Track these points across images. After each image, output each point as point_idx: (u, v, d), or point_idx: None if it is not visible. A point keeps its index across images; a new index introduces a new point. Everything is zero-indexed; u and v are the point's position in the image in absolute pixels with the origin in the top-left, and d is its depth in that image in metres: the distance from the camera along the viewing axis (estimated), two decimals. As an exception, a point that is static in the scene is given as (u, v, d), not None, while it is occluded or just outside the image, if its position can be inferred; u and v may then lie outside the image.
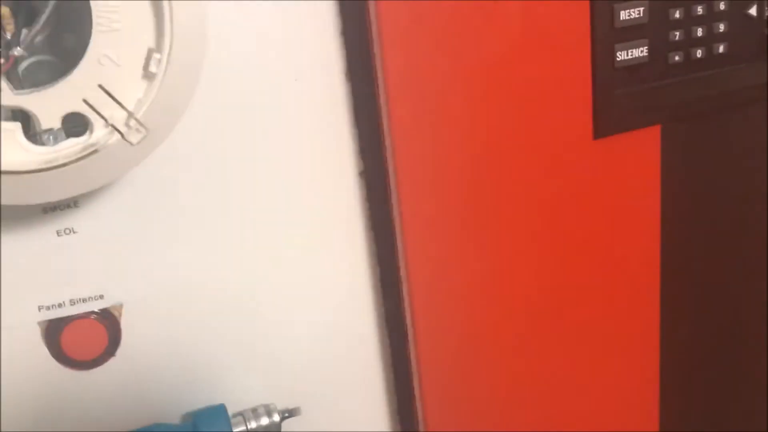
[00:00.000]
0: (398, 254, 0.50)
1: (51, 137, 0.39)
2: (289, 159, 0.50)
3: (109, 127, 0.39)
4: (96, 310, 0.49)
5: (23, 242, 0.46)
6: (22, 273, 0.47)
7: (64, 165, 0.38)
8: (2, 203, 0.39)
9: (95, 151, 0.38)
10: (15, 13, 0.37)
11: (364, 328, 0.56)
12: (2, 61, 0.36)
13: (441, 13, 0.45)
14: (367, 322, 0.56)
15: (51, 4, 0.37)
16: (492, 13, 0.46)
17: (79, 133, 0.40)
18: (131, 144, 0.39)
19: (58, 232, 0.47)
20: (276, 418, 0.49)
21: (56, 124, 0.38)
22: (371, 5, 0.45)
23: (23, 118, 0.39)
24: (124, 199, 0.47)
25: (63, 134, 0.39)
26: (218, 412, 0.48)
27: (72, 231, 0.47)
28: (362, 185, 0.53)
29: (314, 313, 0.54)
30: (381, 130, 0.49)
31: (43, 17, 0.37)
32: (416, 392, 0.52)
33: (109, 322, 0.49)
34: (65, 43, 0.39)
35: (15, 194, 0.39)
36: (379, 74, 0.46)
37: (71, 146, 0.39)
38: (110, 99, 0.38)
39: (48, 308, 0.48)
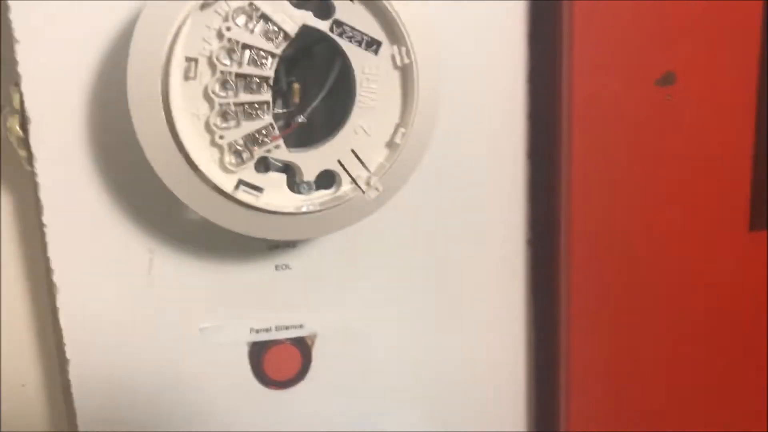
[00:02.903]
0: (560, 322, 0.57)
1: (306, 187, 0.47)
2: (467, 222, 0.58)
3: (353, 184, 0.47)
4: (294, 337, 0.57)
5: (248, 272, 0.55)
6: (242, 298, 0.55)
7: (314, 212, 0.47)
8: (258, 236, 0.48)
9: (340, 204, 0.47)
10: (302, 89, 0.46)
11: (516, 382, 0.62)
12: (276, 126, 0.45)
13: (625, 106, 0.52)
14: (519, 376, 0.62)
15: (328, 85, 0.46)
16: (666, 108, 0.53)
17: (323, 186, 0.48)
18: (368, 200, 0.47)
19: (276, 267, 0.55)
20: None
21: (312, 177, 0.47)
22: (564, 95, 0.53)
23: (286, 170, 0.47)
24: (332, 244, 0.55)
25: (314, 186, 0.47)
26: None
27: (287, 267, 0.55)
28: (528, 251, 0.60)
29: (466, 364, 0.61)
30: (556, 205, 0.56)
31: (322, 94, 0.46)
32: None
33: (303, 348, 0.57)
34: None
35: (270, 230, 0.47)
36: (564, 158, 0.54)
37: (321, 197, 0.47)
38: (358, 162, 0.47)
39: (257, 331, 0.56)
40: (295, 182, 0.47)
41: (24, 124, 0.50)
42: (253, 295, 0.55)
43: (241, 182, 0.45)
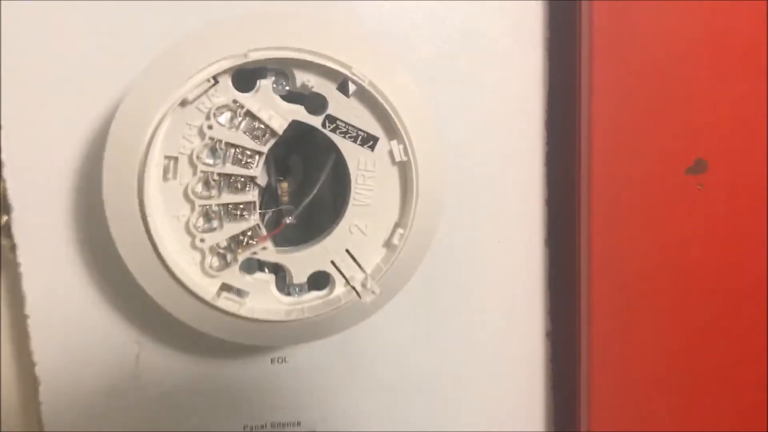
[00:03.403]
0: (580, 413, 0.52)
1: (296, 289, 0.43)
2: (483, 314, 0.54)
3: (349, 286, 0.43)
4: (291, 435, 0.53)
5: (242, 364, 0.51)
6: (237, 392, 0.52)
7: (307, 318, 0.43)
8: (244, 342, 0.44)
9: (337, 308, 0.43)
10: (290, 187, 0.43)
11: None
12: (263, 226, 0.41)
13: (645, 195, 0.48)
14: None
15: (319, 183, 0.42)
16: (698, 198, 0.49)
17: (316, 285, 0.44)
18: (364, 303, 0.43)
19: (272, 360, 0.51)
20: None
21: (304, 279, 0.43)
22: (584, 184, 0.48)
23: (274, 270, 0.44)
24: (331, 338, 0.51)
25: (306, 287, 0.44)
26: None
27: (284, 360, 0.51)
28: (547, 344, 0.55)
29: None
30: (577, 296, 0.51)
31: (313, 193, 0.42)
32: None
33: (301, 448, 0.53)
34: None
35: (256, 337, 0.44)
36: (584, 245, 0.49)
37: (313, 300, 0.44)
38: (354, 263, 0.43)
39: (252, 429, 0.52)
40: (285, 284, 0.43)
41: (7, 211, 0.47)
42: (248, 389, 0.52)
43: (223, 287, 0.41)
